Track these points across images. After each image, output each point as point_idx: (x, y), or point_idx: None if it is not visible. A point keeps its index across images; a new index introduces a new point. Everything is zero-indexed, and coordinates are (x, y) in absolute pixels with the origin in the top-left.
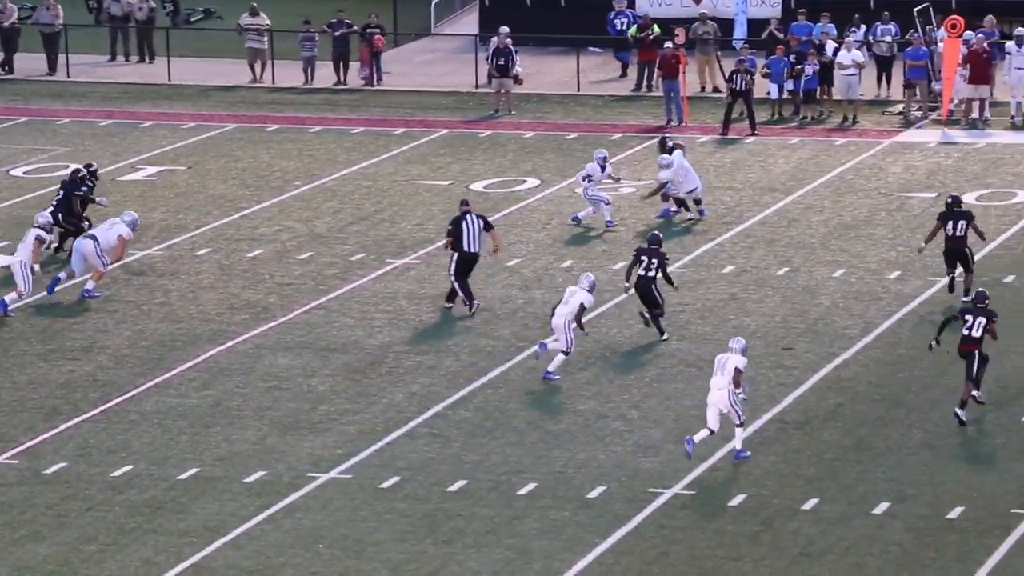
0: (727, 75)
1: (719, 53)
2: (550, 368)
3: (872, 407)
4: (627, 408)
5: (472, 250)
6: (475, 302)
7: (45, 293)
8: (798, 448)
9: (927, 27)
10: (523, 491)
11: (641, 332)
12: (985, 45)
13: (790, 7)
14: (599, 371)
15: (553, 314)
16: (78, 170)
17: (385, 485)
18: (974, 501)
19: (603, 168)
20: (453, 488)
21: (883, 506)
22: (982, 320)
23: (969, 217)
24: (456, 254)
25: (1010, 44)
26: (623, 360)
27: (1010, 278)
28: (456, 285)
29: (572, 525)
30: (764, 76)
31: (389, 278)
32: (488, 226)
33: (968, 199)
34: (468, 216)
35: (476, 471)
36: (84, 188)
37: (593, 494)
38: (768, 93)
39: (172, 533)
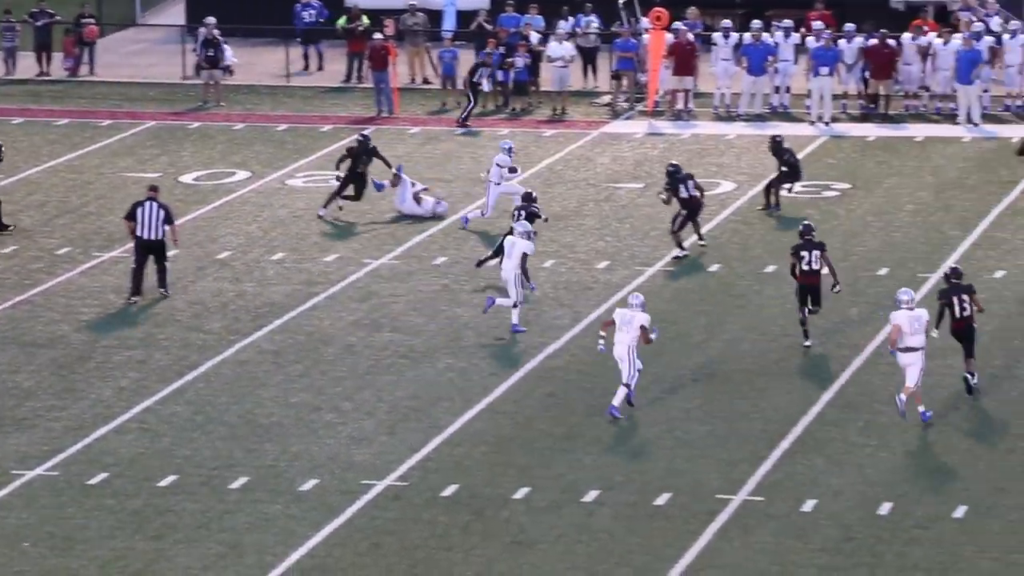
0: (471, 68)
1: (428, 44)
2: (514, 321)
3: (582, 396)
4: (340, 400)
5: (147, 237)
6: (136, 298)
7: None
8: (510, 437)
9: (631, 19)
10: (235, 485)
11: (354, 323)
12: (689, 37)
13: None
14: (311, 363)
15: (501, 269)
16: None
17: (93, 481)
18: (680, 487)
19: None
20: (163, 483)
21: (592, 494)
22: (817, 253)
23: (692, 176)
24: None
25: (716, 35)
26: (336, 352)
27: (715, 267)
28: (133, 271)
29: (284, 518)
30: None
31: (96, 272)
32: (169, 219)
33: None
34: (148, 203)
35: (186, 466)
36: None
37: (306, 487)
38: (479, 85)
39: None
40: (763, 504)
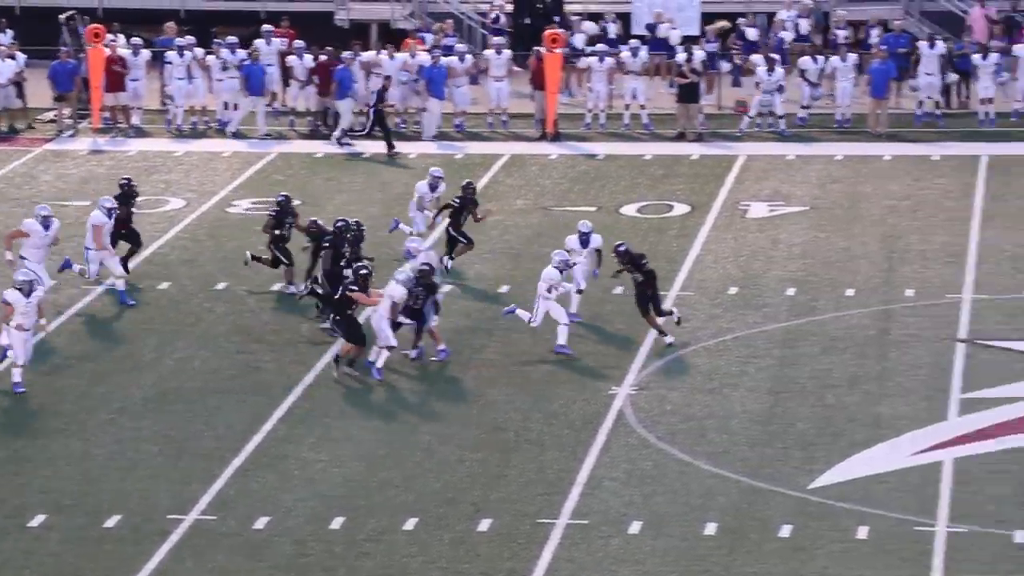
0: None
1: None
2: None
3: (27, 420)
4: None
5: None
6: None
7: None
8: None
9: (74, 36)
10: None
11: None
12: (118, 53)
13: None
14: None
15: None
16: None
17: None
18: (132, 508)
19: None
20: None
21: (40, 519)
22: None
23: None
24: None
25: (171, 54)
26: None
27: (165, 285)
28: None
29: None
30: None
31: None
32: None
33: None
34: None
35: None
36: None
37: None
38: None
39: None
40: (216, 523)
